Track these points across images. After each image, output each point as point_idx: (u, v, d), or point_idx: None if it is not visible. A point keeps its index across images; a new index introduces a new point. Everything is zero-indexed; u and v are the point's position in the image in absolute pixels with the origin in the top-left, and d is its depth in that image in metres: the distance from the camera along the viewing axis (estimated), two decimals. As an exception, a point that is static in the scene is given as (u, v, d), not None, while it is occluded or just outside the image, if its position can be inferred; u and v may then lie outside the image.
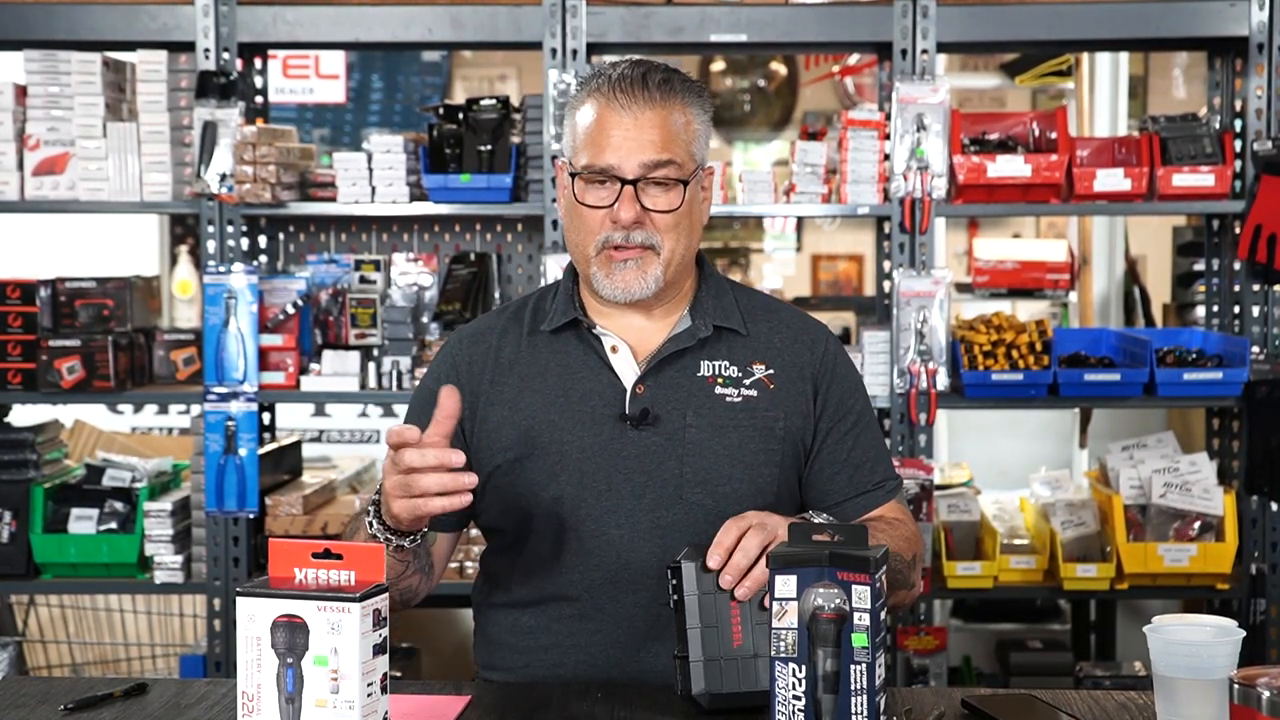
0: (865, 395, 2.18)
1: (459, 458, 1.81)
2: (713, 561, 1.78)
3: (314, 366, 3.61)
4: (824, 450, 2.11)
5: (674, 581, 1.79)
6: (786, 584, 1.65)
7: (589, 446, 2.03)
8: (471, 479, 1.81)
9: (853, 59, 5.71)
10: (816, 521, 1.84)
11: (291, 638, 1.59)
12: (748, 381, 2.08)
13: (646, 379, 2.06)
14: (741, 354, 2.10)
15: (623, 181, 2.01)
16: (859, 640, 1.63)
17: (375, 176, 3.57)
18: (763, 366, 2.09)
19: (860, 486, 2.12)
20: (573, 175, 2.04)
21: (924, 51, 3.56)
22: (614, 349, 2.08)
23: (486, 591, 2.15)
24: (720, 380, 2.07)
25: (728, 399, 2.06)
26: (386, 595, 1.63)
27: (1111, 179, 3.55)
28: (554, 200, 3.54)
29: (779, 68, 8.16)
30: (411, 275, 3.73)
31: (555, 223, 3.56)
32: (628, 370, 2.07)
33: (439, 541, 2.14)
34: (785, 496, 2.09)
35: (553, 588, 2.05)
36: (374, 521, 1.93)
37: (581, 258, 2.06)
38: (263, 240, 3.82)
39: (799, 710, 1.64)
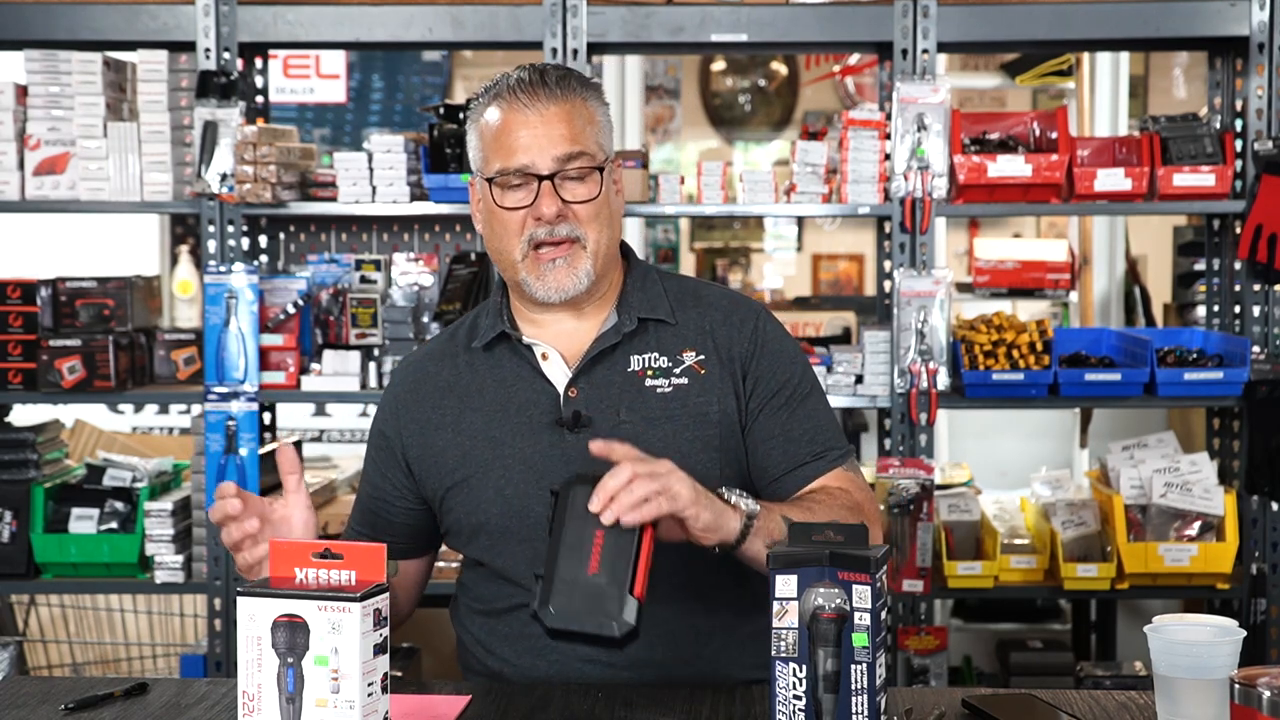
0: (803, 367, 2.14)
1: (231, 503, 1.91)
2: (594, 505, 1.75)
3: (314, 366, 3.61)
4: (756, 427, 2.09)
5: (552, 508, 1.78)
6: (787, 584, 1.65)
7: (530, 456, 2.05)
8: (233, 505, 1.91)
9: (853, 59, 5.71)
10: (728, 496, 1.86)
11: (292, 637, 1.59)
12: (678, 370, 2.08)
13: (578, 381, 2.06)
14: (670, 343, 2.10)
15: (539, 178, 2.01)
16: (859, 640, 1.63)
17: (376, 176, 3.57)
18: (693, 353, 2.09)
19: (797, 459, 2.08)
20: (488, 180, 2.05)
21: (924, 51, 3.56)
22: (544, 356, 2.09)
23: (463, 603, 2.18)
24: (650, 372, 2.07)
25: (659, 390, 2.06)
26: (387, 595, 1.63)
27: (1112, 179, 3.55)
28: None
29: (779, 67, 8.16)
30: (412, 275, 3.73)
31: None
32: (559, 376, 2.08)
33: (403, 571, 2.18)
34: (731, 480, 2.06)
35: (517, 596, 2.06)
36: None
37: (508, 264, 2.06)
38: (263, 240, 3.82)
39: (799, 710, 1.64)
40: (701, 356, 2.09)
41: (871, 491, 2.15)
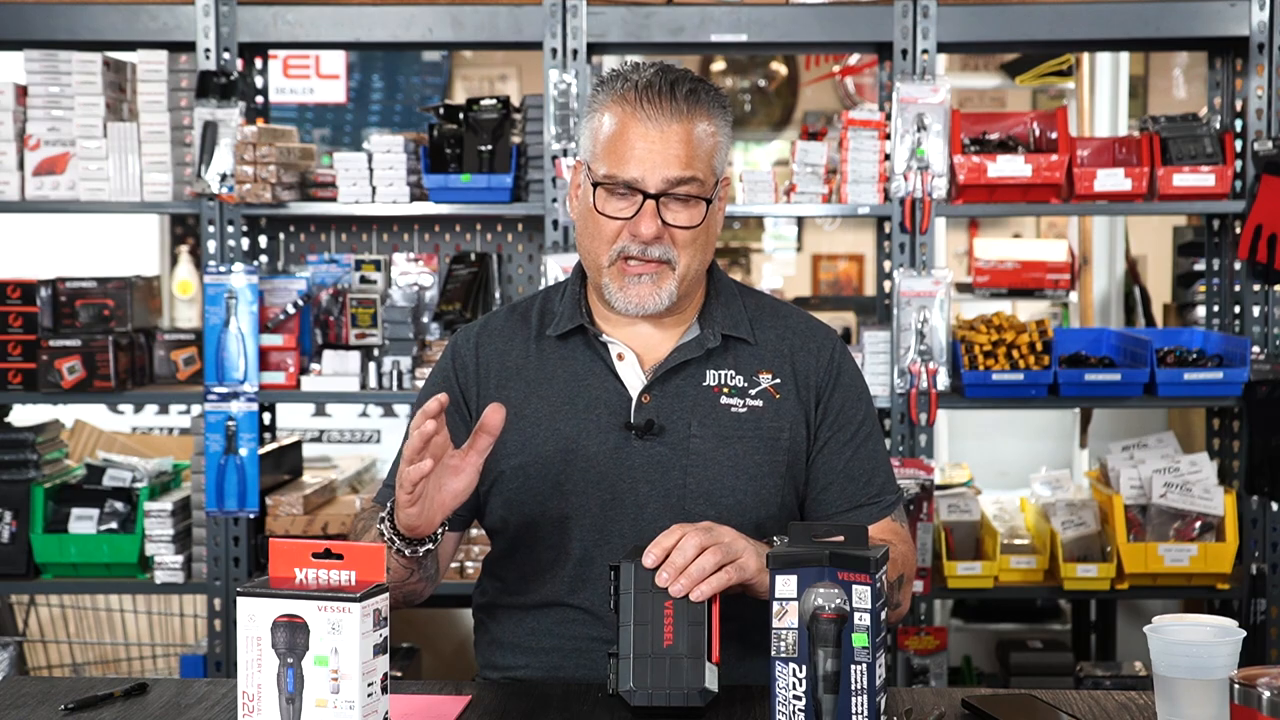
0: (869, 405, 2.15)
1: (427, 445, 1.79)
2: (648, 560, 1.78)
3: (314, 366, 3.61)
4: (820, 460, 2.09)
5: (615, 582, 1.79)
6: (787, 584, 1.65)
7: (594, 456, 2.03)
8: (418, 468, 1.78)
9: (853, 59, 5.71)
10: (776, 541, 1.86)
11: (292, 638, 1.59)
12: (753, 391, 2.06)
13: (653, 388, 2.05)
14: (748, 363, 2.08)
15: (645, 195, 1.98)
16: (859, 640, 1.63)
17: (375, 176, 3.57)
18: (769, 376, 2.08)
19: (855, 499, 2.09)
20: (594, 185, 2.01)
21: (924, 51, 3.56)
22: (620, 356, 2.07)
23: (491, 593, 2.15)
24: (726, 390, 2.06)
25: (733, 409, 2.05)
26: (387, 595, 1.63)
27: (1112, 179, 3.55)
28: (554, 200, 3.54)
29: (779, 68, 8.16)
30: (412, 275, 3.73)
31: (555, 223, 3.56)
32: (634, 379, 2.06)
33: (443, 541, 2.14)
34: (791, 507, 2.08)
35: (556, 594, 2.05)
36: (386, 529, 1.92)
37: (594, 266, 2.05)
38: (263, 240, 3.82)
39: (799, 710, 1.64)
40: (778, 380, 2.08)
41: (913, 544, 2.15)
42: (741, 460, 2.03)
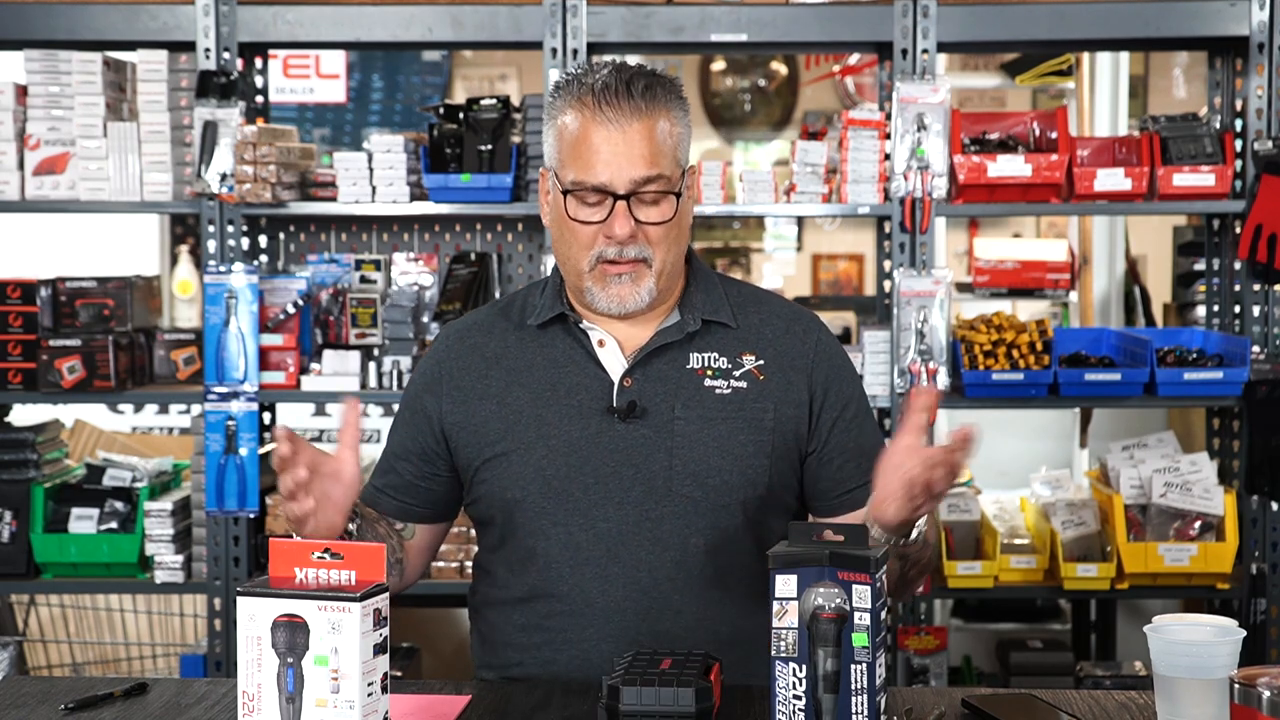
0: (859, 381, 2.18)
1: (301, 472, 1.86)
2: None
3: (314, 366, 3.61)
4: (832, 440, 2.10)
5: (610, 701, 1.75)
6: (787, 584, 1.65)
7: (576, 440, 2.04)
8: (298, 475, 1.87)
9: (853, 59, 5.71)
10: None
11: (292, 637, 1.59)
12: (737, 373, 2.08)
13: (634, 372, 2.06)
14: (731, 345, 2.10)
15: (615, 197, 2.00)
16: (859, 640, 1.63)
17: (376, 176, 3.57)
18: (752, 357, 2.09)
19: (870, 473, 2.09)
20: (564, 193, 2.03)
21: (924, 51, 3.56)
22: (601, 343, 2.08)
23: (481, 589, 2.16)
24: (709, 372, 2.07)
25: (717, 390, 2.06)
26: (387, 595, 1.63)
27: (1112, 179, 3.55)
28: (554, 200, 3.54)
29: (779, 67, 8.16)
30: (412, 275, 3.73)
31: (555, 222, 3.56)
32: (615, 364, 2.07)
33: (417, 534, 2.17)
34: (778, 488, 2.09)
35: (543, 583, 2.05)
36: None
37: (573, 271, 2.06)
38: (263, 240, 3.82)
39: (799, 710, 1.64)
40: (761, 362, 2.09)
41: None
42: (726, 441, 2.04)
